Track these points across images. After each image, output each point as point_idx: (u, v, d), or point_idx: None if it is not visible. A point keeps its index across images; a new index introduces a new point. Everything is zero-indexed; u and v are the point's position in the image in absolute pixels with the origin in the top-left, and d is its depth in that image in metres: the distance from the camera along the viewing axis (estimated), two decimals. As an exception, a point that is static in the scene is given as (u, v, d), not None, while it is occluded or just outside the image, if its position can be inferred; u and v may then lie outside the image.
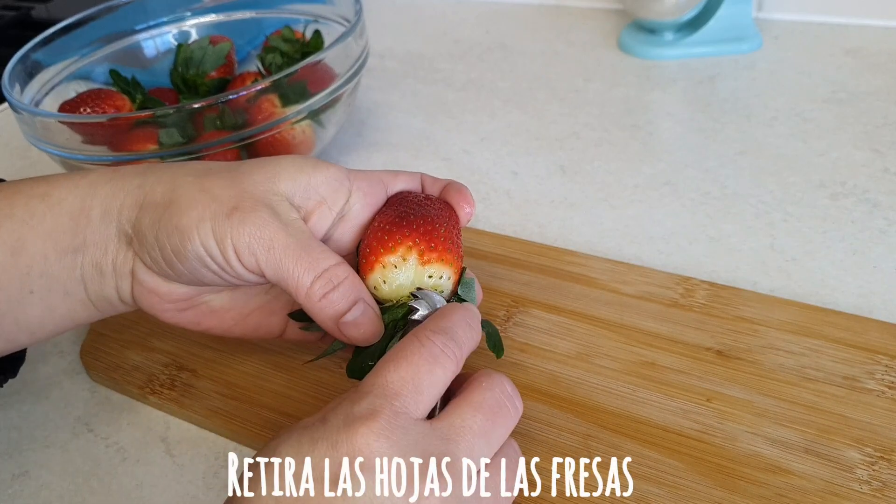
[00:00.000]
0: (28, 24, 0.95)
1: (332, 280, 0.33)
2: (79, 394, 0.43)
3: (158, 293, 0.35)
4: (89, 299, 0.35)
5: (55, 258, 0.34)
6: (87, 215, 0.34)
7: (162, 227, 0.33)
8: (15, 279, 0.34)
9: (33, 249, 0.34)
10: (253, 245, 0.32)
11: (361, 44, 0.56)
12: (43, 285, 0.34)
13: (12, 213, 0.34)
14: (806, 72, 0.64)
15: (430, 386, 0.29)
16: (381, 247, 0.34)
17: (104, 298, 0.36)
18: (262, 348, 0.43)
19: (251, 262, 0.32)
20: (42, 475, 0.39)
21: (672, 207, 0.51)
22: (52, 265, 0.34)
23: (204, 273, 0.33)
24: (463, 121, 0.65)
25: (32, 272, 0.34)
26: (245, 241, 0.32)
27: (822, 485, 0.33)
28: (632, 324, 0.41)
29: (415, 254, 0.34)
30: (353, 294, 0.33)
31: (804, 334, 0.39)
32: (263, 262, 0.32)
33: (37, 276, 0.34)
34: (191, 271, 0.33)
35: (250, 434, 0.38)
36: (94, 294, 0.35)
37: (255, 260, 0.32)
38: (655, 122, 0.61)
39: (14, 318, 0.35)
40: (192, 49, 0.59)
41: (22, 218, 0.34)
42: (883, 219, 0.48)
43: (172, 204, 0.33)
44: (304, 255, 0.32)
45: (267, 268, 0.32)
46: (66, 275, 0.34)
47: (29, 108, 0.51)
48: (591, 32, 0.77)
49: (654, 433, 0.35)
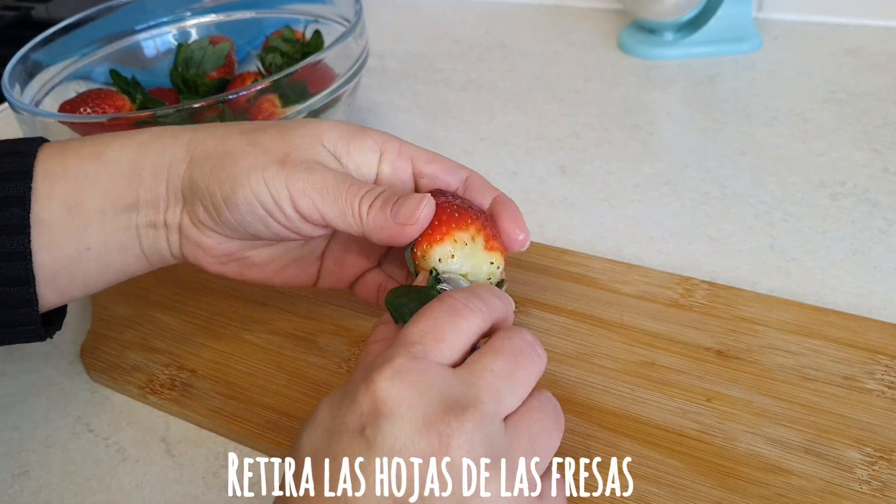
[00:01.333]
0: (28, 24, 0.95)
1: (371, 194, 0.34)
2: (79, 394, 0.43)
3: (203, 247, 0.36)
4: (143, 253, 0.37)
5: (112, 216, 0.35)
6: (138, 174, 0.35)
7: (213, 176, 0.34)
8: (71, 236, 0.35)
9: (90, 207, 0.35)
10: (307, 189, 0.33)
11: (361, 44, 0.56)
12: (100, 241, 0.35)
13: (66, 172, 0.35)
14: (806, 72, 0.64)
15: (452, 334, 0.28)
16: (453, 222, 0.34)
17: (157, 252, 0.37)
18: (262, 348, 0.43)
19: (307, 206, 0.33)
20: (42, 475, 0.39)
21: (672, 207, 0.51)
22: (109, 222, 0.35)
23: (251, 222, 0.34)
24: (463, 121, 0.65)
25: (90, 229, 0.35)
26: (300, 185, 0.33)
27: (821, 485, 0.33)
28: (632, 324, 0.41)
29: (482, 238, 0.34)
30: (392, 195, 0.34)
31: (804, 334, 0.39)
32: (320, 204, 0.33)
33: (94, 232, 0.35)
34: (239, 221, 0.34)
35: (250, 434, 0.38)
36: (148, 248, 0.37)
37: (311, 202, 0.33)
38: (655, 122, 0.61)
39: (70, 273, 0.35)
40: (192, 49, 0.59)
41: (76, 176, 0.35)
42: (883, 219, 0.48)
43: (224, 155, 0.34)
44: (347, 189, 0.34)
45: (325, 208, 0.33)
46: (122, 231, 0.36)
47: (29, 108, 0.51)
48: (591, 32, 0.77)
49: (654, 433, 0.35)
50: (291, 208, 0.33)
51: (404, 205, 0.33)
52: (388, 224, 0.33)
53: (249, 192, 0.33)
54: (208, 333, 0.44)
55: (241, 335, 0.44)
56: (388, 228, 0.33)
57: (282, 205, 0.33)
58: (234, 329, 0.44)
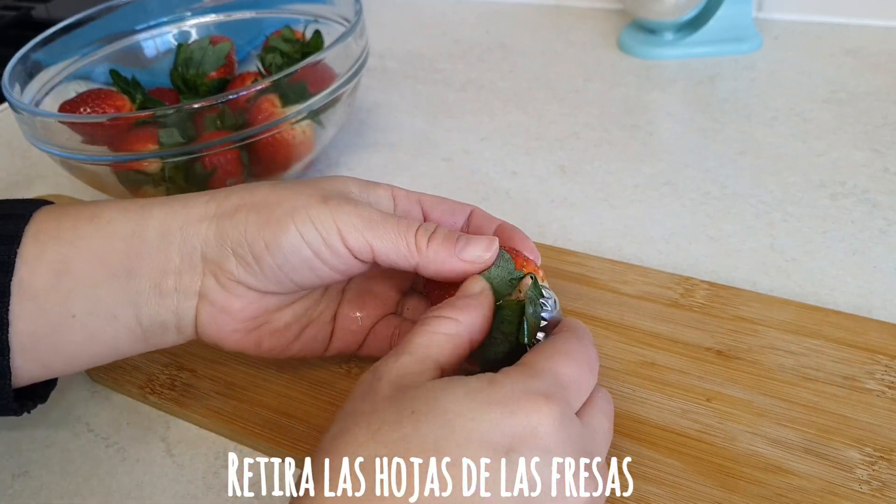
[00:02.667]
0: (28, 24, 0.95)
1: (427, 228, 0.34)
2: (79, 394, 0.43)
3: (231, 311, 0.35)
4: (139, 324, 0.34)
5: (103, 280, 0.33)
6: (140, 237, 0.34)
7: (251, 223, 0.33)
8: (56, 302, 0.33)
9: (79, 271, 0.33)
10: (356, 222, 0.33)
11: (361, 44, 0.56)
12: (86, 309, 0.33)
13: (59, 235, 0.33)
14: (806, 72, 0.64)
15: (587, 390, 0.30)
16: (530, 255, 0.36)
17: (158, 323, 0.34)
18: (262, 348, 0.43)
19: (357, 240, 0.33)
20: (42, 475, 0.39)
21: (672, 207, 0.51)
22: (100, 288, 0.33)
23: (296, 266, 0.33)
24: (463, 121, 0.65)
25: (75, 294, 0.33)
26: (348, 220, 0.33)
27: (821, 485, 0.33)
28: (632, 324, 0.41)
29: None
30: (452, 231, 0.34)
31: (804, 334, 0.39)
32: (370, 237, 0.33)
33: (80, 298, 0.33)
34: (282, 265, 0.33)
35: (250, 434, 0.38)
36: (148, 318, 0.34)
37: (360, 237, 0.33)
38: (655, 122, 0.61)
39: (52, 343, 0.33)
40: (192, 49, 0.59)
41: (69, 239, 0.33)
42: (883, 219, 0.48)
43: (258, 204, 0.34)
44: (397, 223, 0.34)
45: (375, 240, 0.33)
46: (114, 298, 0.33)
47: (29, 108, 0.51)
48: (591, 32, 0.77)
49: (654, 433, 0.35)
50: (341, 243, 0.33)
51: (471, 244, 0.34)
52: (451, 259, 0.33)
53: (296, 233, 0.33)
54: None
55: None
56: (449, 262, 0.33)
57: (331, 241, 0.33)
58: (234, 329, 0.44)
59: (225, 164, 0.52)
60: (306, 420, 0.38)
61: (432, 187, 0.56)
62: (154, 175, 0.51)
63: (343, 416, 0.28)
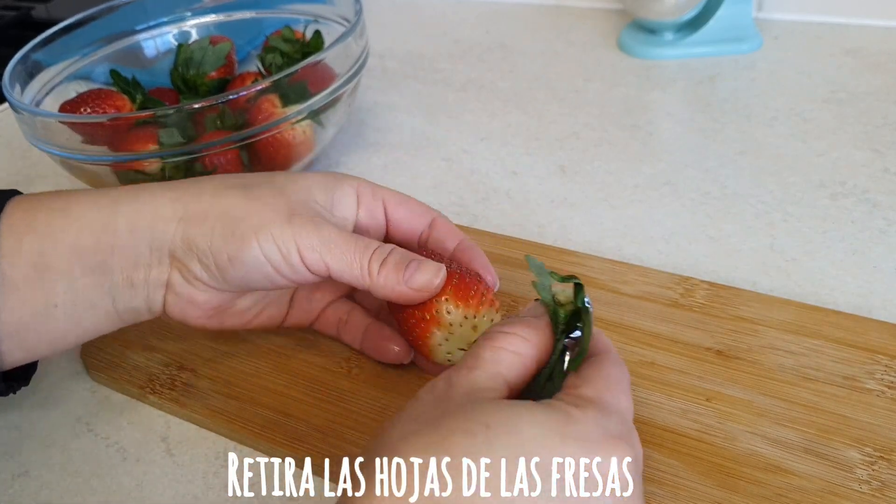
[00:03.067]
0: (28, 24, 0.95)
1: (382, 252, 0.35)
2: (79, 394, 0.43)
3: (195, 303, 0.37)
4: (115, 310, 0.36)
5: (80, 274, 0.35)
6: (112, 230, 0.35)
7: (216, 235, 0.34)
8: (38, 293, 0.34)
9: (57, 265, 0.34)
10: (315, 244, 0.34)
11: (361, 44, 0.56)
12: (68, 300, 0.35)
13: (34, 227, 0.35)
14: (806, 72, 0.64)
15: None
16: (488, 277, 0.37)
17: (132, 310, 0.37)
18: (262, 348, 0.43)
19: (315, 260, 0.34)
20: (42, 475, 0.39)
21: (672, 207, 0.51)
22: (77, 281, 0.35)
23: (256, 278, 0.35)
24: (463, 121, 0.65)
25: (57, 287, 0.35)
26: (308, 241, 0.34)
27: (821, 485, 0.33)
28: (631, 324, 0.41)
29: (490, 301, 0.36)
30: (404, 257, 0.35)
31: (804, 334, 0.39)
32: (328, 258, 0.34)
33: (62, 291, 0.35)
34: (243, 276, 0.35)
35: (250, 434, 0.38)
36: (123, 306, 0.36)
37: (318, 257, 0.34)
38: (655, 122, 0.61)
39: (36, 331, 0.35)
40: (193, 49, 0.59)
41: (43, 232, 0.34)
42: (883, 219, 0.48)
43: (224, 214, 0.35)
44: (355, 245, 0.35)
45: (332, 261, 0.35)
46: (91, 289, 0.35)
47: (29, 109, 0.51)
48: (591, 32, 0.77)
49: (654, 433, 0.35)
50: (300, 261, 0.34)
51: (420, 271, 0.34)
52: (399, 285, 0.34)
53: (258, 251, 0.34)
54: (208, 333, 0.44)
55: (241, 335, 0.44)
56: (398, 289, 0.34)
57: (291, 259, 0.34)
58: (234, 329, 0.44)
59: (225, 164, 0.52)
60: (306, 420, 0.38)
61: (432, 187, 0.56)
62: (154, 175, 0.51)
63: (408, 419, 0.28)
